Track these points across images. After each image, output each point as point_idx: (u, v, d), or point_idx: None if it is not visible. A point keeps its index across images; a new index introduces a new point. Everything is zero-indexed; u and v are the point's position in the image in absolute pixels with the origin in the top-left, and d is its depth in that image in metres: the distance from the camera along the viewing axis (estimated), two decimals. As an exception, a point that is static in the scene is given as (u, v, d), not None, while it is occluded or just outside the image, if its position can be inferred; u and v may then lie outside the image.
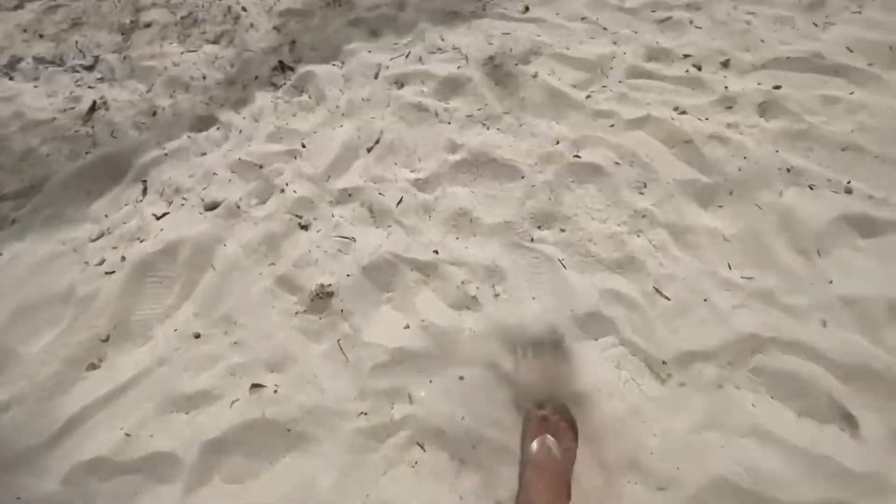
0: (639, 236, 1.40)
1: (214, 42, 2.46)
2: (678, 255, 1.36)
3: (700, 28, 2.04)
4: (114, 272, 1.51)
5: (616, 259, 1.36)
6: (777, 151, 1.53)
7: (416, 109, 1.85)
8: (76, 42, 2.51)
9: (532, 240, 1.44)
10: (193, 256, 1.52)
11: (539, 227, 1.47)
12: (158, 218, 1.67)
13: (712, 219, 1.43)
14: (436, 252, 1.43)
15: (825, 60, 1.76)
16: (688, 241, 1.38)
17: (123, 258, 1.54)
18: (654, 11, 2.16)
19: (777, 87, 1.71)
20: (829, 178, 1.44)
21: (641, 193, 1.51)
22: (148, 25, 2.60)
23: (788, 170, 1.48)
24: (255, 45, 2.36)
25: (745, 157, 1.51)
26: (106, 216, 1.74)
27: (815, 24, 1.96)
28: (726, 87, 1.73)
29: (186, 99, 2.14)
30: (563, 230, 1.45)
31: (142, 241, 1.59)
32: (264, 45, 2.35)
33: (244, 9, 2.59)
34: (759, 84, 1.74)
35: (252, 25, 2.47)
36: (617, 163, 1.58)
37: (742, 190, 1.46)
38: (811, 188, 1.44)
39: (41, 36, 2.61)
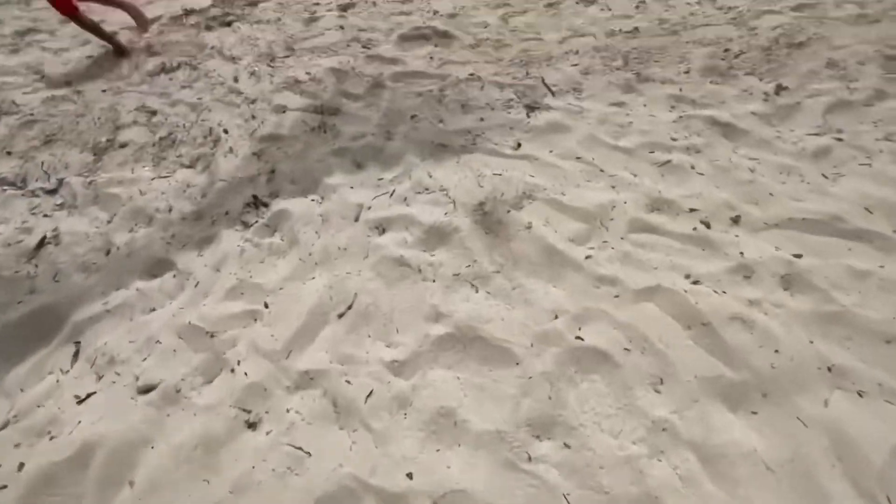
0: (660, 460, 1.14)
1: (190, 166, 2.33)
2: (712, 492, 1.08)
3: (703, 175, 1.92)
4: (5, 487, 1.20)
5: (635, 497, 1.08)
6: (812, 342, 1.31)
7: (398, 264, 1.65)
8: (42, 162, 2.37)
9: (529, 458, 1.17)
10: (110, 465, 1.22)
11: (538, 438, 1.21)
12: (80, 401, 1.39)
13: (747, 432, 1.17)
14: (409, 476, 1.15)
15: (845, 224, 1.62)
16: (721, 472, 1.11)
17: (22, 465, 1.23)
18: (651, 152, 2.07)
19: (798, 256, 1.54)
20: (880, 381, 1.22)
21: (658, 392, 1.26)
22: (124, 145, 2.48)
23: (829, 368, 1.25)
24: (232, 172, 2.22)
25: (776, 350, 1.29)
26: (22, 391, 1.46)
27: (825, 176, 1.85)
28: (742, 253, 1.56)
29: (147, 235, 1.94)
30: (566, 445, 1.18)
31: (52, 438, 1.30)
32: (241, 173, 2.21)
33: (226, 131, 2.49)
34: (776, 249, 1.58)
35: (231, 150, 2.36)
36: (626, 349, 1.35)
37: (778, 392, 1.23)
38: (860, 395, 1.20)
39: (9, 153, 2.47)
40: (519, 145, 2.18)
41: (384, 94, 2.62)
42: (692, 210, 1.76)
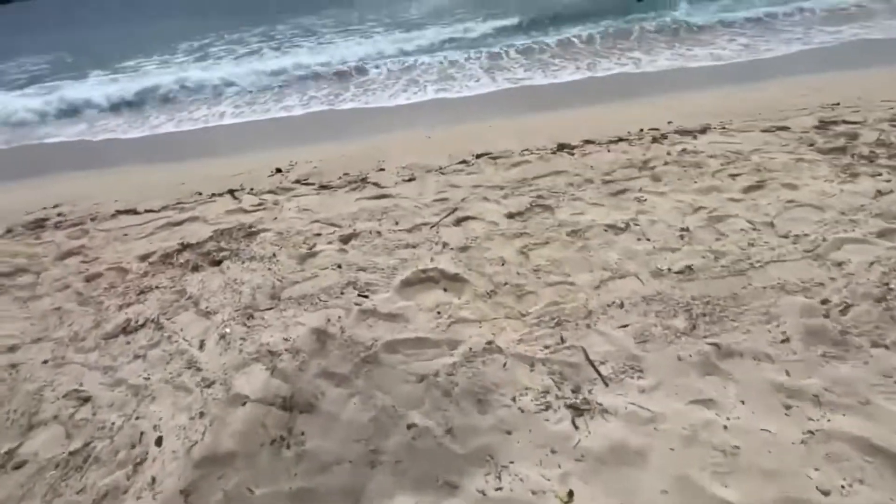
0: None
1: (90, 511, 1.61)
2: None
3: None
4: None
5: None
6: None
7: None
8: None
9: None
10: None
11: None
12: None
13: None
14: None
15: None
16: None
17: None
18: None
19: None
20: None
21: None
22: (19, 466, 1.83)
23: None
24: (136, 537, 1.47)
25: None
26: None
27: None
28: None
29: None
30: None
31: None
32: (148, 540, 1.47)
33: (159, 441, 1.83)
34: None
35: (153, 483, 1.65)
36: None
37: None
38: None
39: None
40: (571, 496, 1.41)
41: (376, 376, 1.99)
42: None
